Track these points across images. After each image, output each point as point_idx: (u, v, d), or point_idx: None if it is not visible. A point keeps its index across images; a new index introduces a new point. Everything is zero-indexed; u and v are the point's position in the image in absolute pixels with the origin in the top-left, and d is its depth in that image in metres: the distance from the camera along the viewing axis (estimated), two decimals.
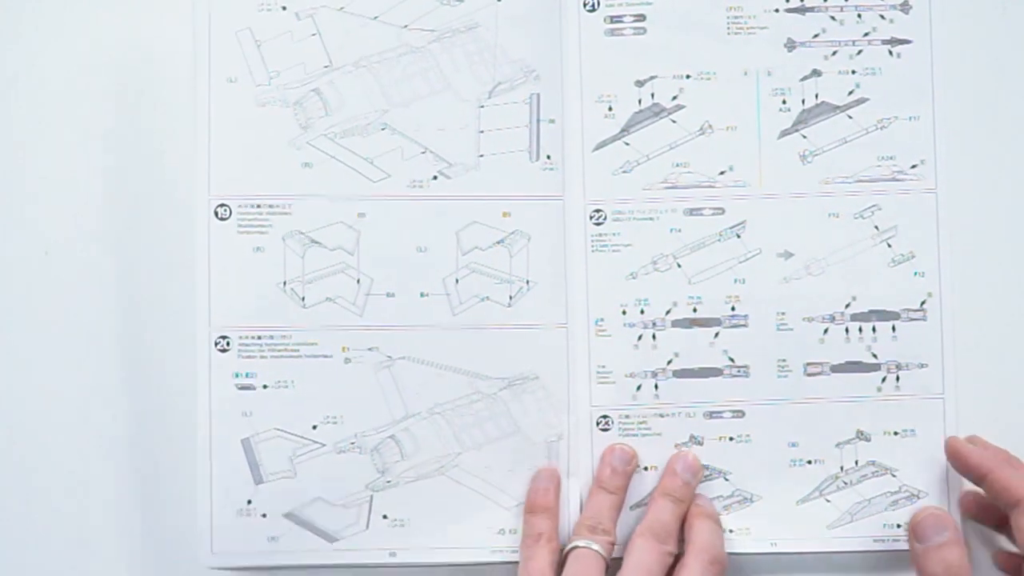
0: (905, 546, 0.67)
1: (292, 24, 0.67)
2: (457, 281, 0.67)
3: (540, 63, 0.68)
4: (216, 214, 0.67)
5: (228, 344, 0.67)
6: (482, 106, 0.67)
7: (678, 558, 0.65)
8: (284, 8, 0.67)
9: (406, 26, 0.67)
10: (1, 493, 0.68)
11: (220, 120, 0.67)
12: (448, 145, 0.67)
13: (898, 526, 0.67)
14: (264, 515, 0.67)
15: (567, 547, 0.64)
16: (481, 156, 0.68)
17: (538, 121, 0.68)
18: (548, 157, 0.68)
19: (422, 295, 0.67)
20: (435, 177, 0.67)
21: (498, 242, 0.68)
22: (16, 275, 0.68)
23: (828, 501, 0.68)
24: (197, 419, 0.67)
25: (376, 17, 0.67)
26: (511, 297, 0.67)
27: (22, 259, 0.68)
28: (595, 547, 0.64)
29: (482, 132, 0.67)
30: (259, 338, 0.67)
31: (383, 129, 0.67)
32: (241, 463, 0.67)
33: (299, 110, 0.67)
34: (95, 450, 0.68)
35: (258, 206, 0.67)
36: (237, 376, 0.67)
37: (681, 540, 0.66)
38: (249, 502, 0.67)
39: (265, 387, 0.67)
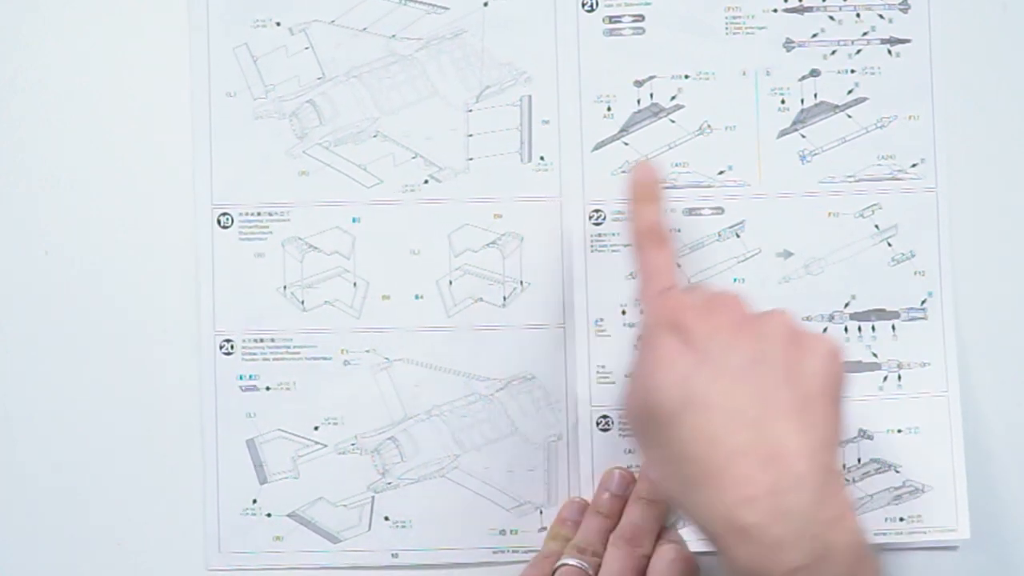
0: (907, 540, 0.68)
1: (286, 39, 0.68)
2: (451, 283, 0.68)
3: (531, 65, 0.68)
4: (219, 222, 0.68)
5: (232, 347, 0.68)
6: (470, 110, 0.68)
7: None
8: (278, 24, 0.68)
9: (394, 36, 0.68)
10: (3, 495, 0.69)
11: (220, 133, 0.68)
12: (438, 150, 0.68)
13: (900, 519, 0.67)
14: (269, 515, 0.68)
15: (557, 564, 0.64)
16: (471, 159, 0.68)
17: (530, 123, 0.68)
18: (542, 158, 0.68)
19: (417, 297, 0.68)
20: (426, 181, 0.68)
21: (490, 243, 0.68)
22: (16, 275, 0.69)
23: None
24: (203, 420, 0.68)
25: (365, 29, 0.68)
26: (505, 298, 0.68)
27: (22, 259, 0.69)
28: (584, 565, 0.64)
29: (471, 136, 0.68)
30: (261, 341, 0.68)
31: (375, 136, 0.68)
32: (246, 463, 0.68)
33: (295, 121, 0.68)
34: (100, 452, 0.68)
35: (258, 214, 0.68)
36: (241, 378, 0.68)
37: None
38: (254, 501, 0.68)
39: (268, 389, 0.68)
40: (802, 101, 0.68)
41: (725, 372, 0.54)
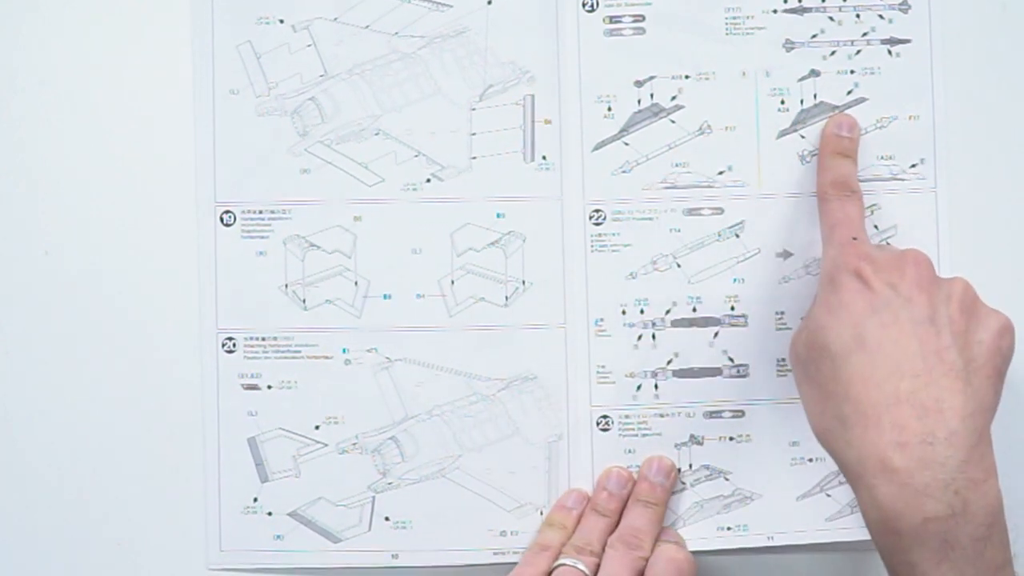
0: None
1: (289, 36, 0.68)
2: (452, 282, 0.68)
3: (534, 64, 0.68)
4: (221, 220, 0.68)
5: (234, 345, 0.68)
6: (473, 109, 0.68)
7: None
8: (281, 21, 0.68)
9: (396, 33, 0.68)
10: (3, 495, 0.69)
11: (223, 130, 0.68)
12: (440, 148, 0.68)
13: None
14: (270, 513, 0.68)
15: (555, 564, 0.64)
16: (473, 158, 0.68)
17: (532, 122, 0.68)
18: (544, 158, 0.68)
19: (418, 296, 0.68)
20: (428, 180, 0.68)
21: (492, 243, 0.68)
22: (16, 275, 0.69)
23: (828, 496, 0.68)
24: (204, 418, 0.68)
25: (368, 26, 0.68)
26: (507, 298, 0.68)
27: (22, 259, 0.69)
28: (580, 566, 0.64)
29: (474, 134, 0.68)
30: (263, 339, 0.68)
31: (377, 134, 0.68)
32: (247, 462, 0.68)
33: (297, 118, 0.68)
34: (100, 451, 0.68)
35: (260, 212, 0.68)
36: (243, 377, 0.68)
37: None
38: (255, 500, 0.68)
39: (270, 387, 0.68)
40: (802, 102, 0.68)
41: (898, 323, 0.58)
